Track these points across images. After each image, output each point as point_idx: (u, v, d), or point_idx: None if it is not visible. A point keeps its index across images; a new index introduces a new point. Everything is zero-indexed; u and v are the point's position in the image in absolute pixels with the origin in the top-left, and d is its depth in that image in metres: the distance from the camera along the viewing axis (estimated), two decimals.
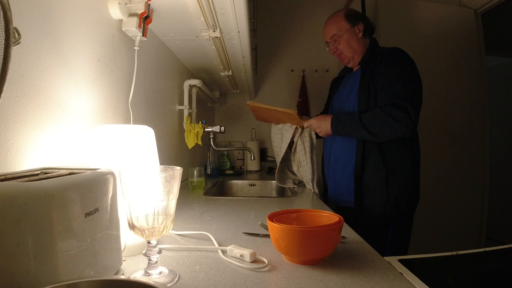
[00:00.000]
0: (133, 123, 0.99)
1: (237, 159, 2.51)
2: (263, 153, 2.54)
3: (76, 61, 0.72)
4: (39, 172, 0.47)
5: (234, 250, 0.62)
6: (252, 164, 2.39)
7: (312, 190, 1.39)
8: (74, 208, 0.40)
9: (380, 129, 1.16)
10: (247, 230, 0.80)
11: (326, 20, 1.37)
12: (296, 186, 1.49)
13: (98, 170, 0.49)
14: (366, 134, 1.19)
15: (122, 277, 0.52)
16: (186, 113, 1.63)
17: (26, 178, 0.42)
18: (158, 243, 0.53)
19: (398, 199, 1.21)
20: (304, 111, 2.52)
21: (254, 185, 1.87)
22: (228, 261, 0.60)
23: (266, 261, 0.59)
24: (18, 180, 0.40)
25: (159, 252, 0.52)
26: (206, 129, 1.66)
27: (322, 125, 1.30)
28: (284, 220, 0.64)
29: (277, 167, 1.49)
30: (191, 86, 1.69)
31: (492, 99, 2.47)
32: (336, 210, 1.35)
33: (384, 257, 0.61)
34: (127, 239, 0.61)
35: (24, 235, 0.34)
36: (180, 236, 0.77)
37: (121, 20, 0.92)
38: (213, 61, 1.62)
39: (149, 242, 0.51)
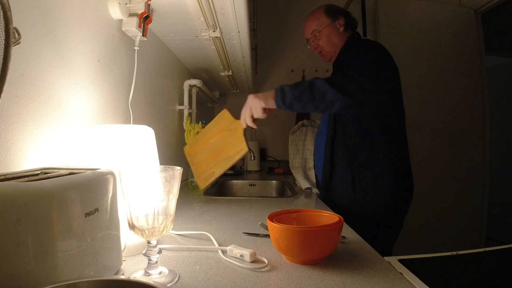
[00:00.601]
0: (133, 123, 0.99)
1: None
2: (263, 153, 2.54)
3: (76, 61, 0.72)
4: (39, 172, 0.47)
5: (234, 250, 0.62)
6: (252, 164, 2.39)
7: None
8: (74, 208, 0.40)
9: (344, 82, 0.95)
10: (247, 230, 0.80)
11: (306, 17, 1.35)
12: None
13: (98, 170, 0.49)
14: (329, 90, 0.92)
15: (122, 277, 0.52)
16: (186, 113, 1.63)
17: (26, 178, 0.42)
18: (158, 243, 0.53)
19: (370, 203, 1.14)
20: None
21: (254, 185, 1.87)
22: (228, 261, 0.60)
23: (266, 261, 0.59)
24: (18, 180, 0.40)
25: (159, 252, 0.52)
26: None
27: (260, 96, 0.95)
28: (284, 220, 0.64)
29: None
30: (191, 86, 1.69)
31: (492, 99, 2.47)
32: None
33: (384, 257, 0.61)
34: (127, 239, 0.61)
35: (24, 235, 0.34)
36: (180, 236, 0.77)
37: (121, 20, 0.92)
38: (213, 61, 1.62)
39: (149, 242, 0.51)
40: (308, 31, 1.32)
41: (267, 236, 0.74)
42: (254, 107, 0.95)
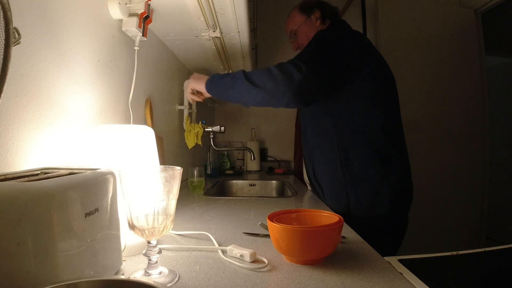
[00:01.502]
0: (133, 123, 0.99)
1: (237, 159, 2.51)
2: (263, 153, 2.54)
3: (76, 61, 0.72)
4: (39, 172, 0.47)
5: (234, 250, 0.62)
6: (252, 164, 2.39)
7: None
8: (74, 208, 0.40)
9: (261, 78, 1.00)
10: (247, 230, 0.80)
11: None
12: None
13: (98, 170, 0.49)
14: (244, 84, 0.99)
15: (122, 277, 0.52)
16: (186, 113, 1.63)
17: (26, 178, 0.42)
18: (158, 243, 0.53)
19: (370, 207, 1.08)
20: None
21: (254, 185, 1.87)
22: (228, 261, 0.60)
23: (266, 261, 0.59)
24: (18, 180, 0.40)
25: (159, 252, 0.52)
26: (206, 129, 1.65)
27: (196, 77, 1.14)
28: (284, 220, 0.64)
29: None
30: None
31: (492, 99, 2.47)
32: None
33: (384, 257, 0.61)
34: (127, 239, 0.61)
35: (24, 235, 0.34)
36: (180, 236, 0.77)
37: (121, 20, 0.92)
38: (213, 61, 1.62)
39: (149, 242, 0.51)
40: (287, 32, 1.31)
41: (267, 236, 0.74)
42: (186, 87, 1.12)
